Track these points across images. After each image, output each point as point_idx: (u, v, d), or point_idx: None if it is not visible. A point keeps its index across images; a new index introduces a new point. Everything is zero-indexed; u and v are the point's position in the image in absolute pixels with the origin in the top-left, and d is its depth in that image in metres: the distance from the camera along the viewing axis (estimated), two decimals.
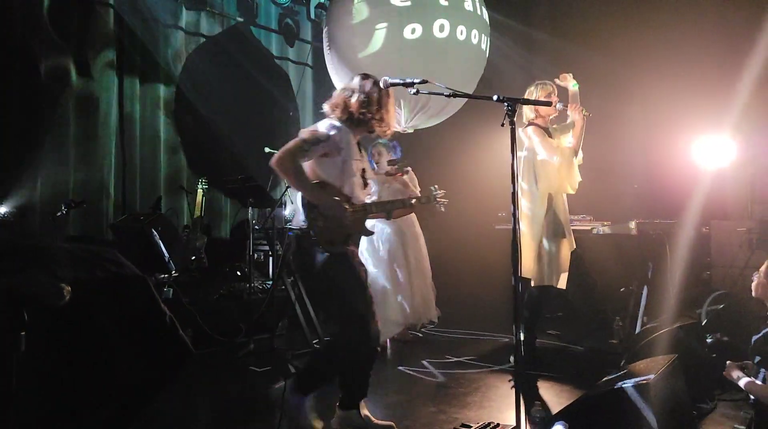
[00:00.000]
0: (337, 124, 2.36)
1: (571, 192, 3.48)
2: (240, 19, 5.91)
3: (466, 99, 4.55)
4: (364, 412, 2.46)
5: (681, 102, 4.75)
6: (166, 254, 4.18)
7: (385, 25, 4.29)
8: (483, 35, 4.66)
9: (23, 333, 1.03)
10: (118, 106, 4.96)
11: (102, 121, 4.84)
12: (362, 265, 2.44)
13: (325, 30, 4.81)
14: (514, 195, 2.04)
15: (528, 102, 2.85)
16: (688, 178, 4.51)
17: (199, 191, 5.02)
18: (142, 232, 4.16)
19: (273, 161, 2.23)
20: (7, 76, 4.18)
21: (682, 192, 4.38)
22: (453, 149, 5.87)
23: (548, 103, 3.16)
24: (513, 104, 2.04)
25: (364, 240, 4.05)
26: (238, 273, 4.78)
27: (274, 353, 3.52)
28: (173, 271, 4.21)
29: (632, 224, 3.74)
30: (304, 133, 2.30)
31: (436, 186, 2.82)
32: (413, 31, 4.28)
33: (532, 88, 3.48)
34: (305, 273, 2.97)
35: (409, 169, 4.12)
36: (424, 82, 2.30)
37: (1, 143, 4.10)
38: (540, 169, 3.39)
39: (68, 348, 1.13)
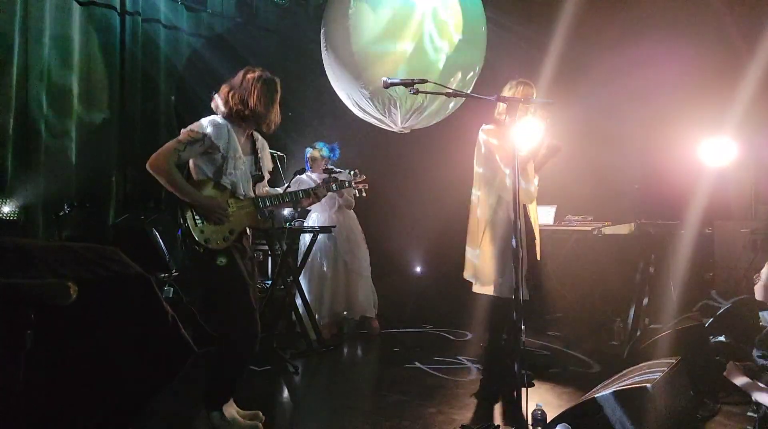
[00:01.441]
0: (218, 120, 2.38)
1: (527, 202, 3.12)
2: (239, 20, 5.90)
3: (464, 98, 4.57)
4: (230, 410, 2.44)
5: (682, 102, 4.73)
6: (167, 253, 4.18)
7: (383, 24, 4.28)
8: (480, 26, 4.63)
9: (29, 332, 1.02)
10: (120, 106, 4.96)
11: (103, 121, 4.83)
12: (249, 260, 2.46)
13: (322, 31, 4.81)
14: (514, 196, 2.03)
15: (528, 101, 2.82)
16: (690, 178, 4.49)
17: None
18: (143, 231, 4.16)
19: (148, 164, 2.29)
20: None
21: (683, 192, 4.36)
22: (450, 149, 5.85)
23: (550, 102, 3.08)
24: (512, 104, 2.03)
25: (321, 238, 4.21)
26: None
27: (273, 352, 3.51)
28: (173, 270, 4.20)
29: (633, 225, 3.72)
30: (182, 133, 2.34)
31: (356, 170, 2.78)
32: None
33: (514, 83, 3.13)
34: (189, 270, 3.00)
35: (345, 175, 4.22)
36: (423, 81, 2.29)
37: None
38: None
39: (70, 347, 1.13)
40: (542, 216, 4.54)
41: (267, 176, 2.64)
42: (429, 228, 5.96)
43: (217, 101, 2.44)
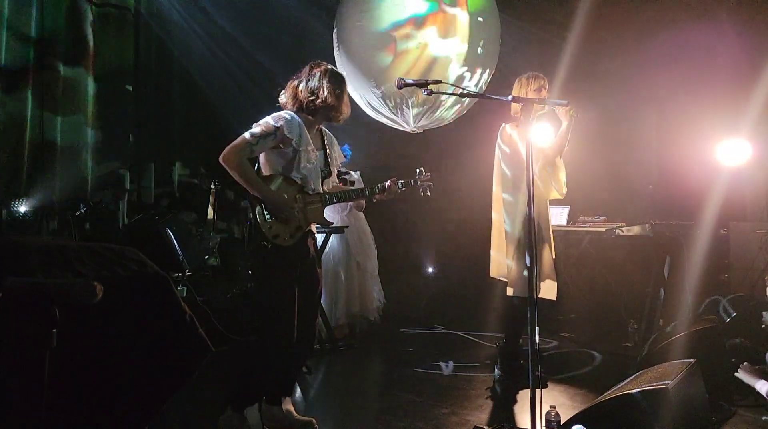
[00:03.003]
0: (287, 115, 2.37)
1: (559, 197, 3.23)
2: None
3: (476, 99, 4.55)
4: (287, 407, 2.46)
5: (697, 103, 4.68)
6: (180, 253, 4.22)
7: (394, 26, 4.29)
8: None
9: (54, 330, 1.05)
10: (135, 106, 5.02)
11: (118, 123, 4.90)
12: (312, 262, 2.44)
13: (335, 30, 4.82)
14: (529, 196, 2.02)
15: (543, 102, 2.81)
16: (705, 179, 4.44)
17: (212, 191, 5.06)
18: (157, 231, 4.20)
19: (221, 157, 2.29)
20: None
21: (698, 193, 4.32)
22: (463, 149, 5.85)
23: (564, 104, 3.03)
24: (528, 105, 2.03)
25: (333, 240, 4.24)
26: (250, 272, 4.79)
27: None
28: (187, 270, 4.24)
29: (647, 226, 3.69)
30: (254, 127, 2.33)
31: (422, 169, 2.71)
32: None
33: (524, 79, 3.13)
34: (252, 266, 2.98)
35: (355, 176, 4.33)
36: (437, 82, 2.30)
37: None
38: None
39: (91, 345, 1.15)
40: (555, 217, 4.52)
41: (335, 173, 2.62)
42: (441, 229, 5.96)
43: (286, 97, 2.44)
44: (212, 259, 4.86)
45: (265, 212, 2.31)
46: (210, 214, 5.05)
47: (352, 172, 4.43)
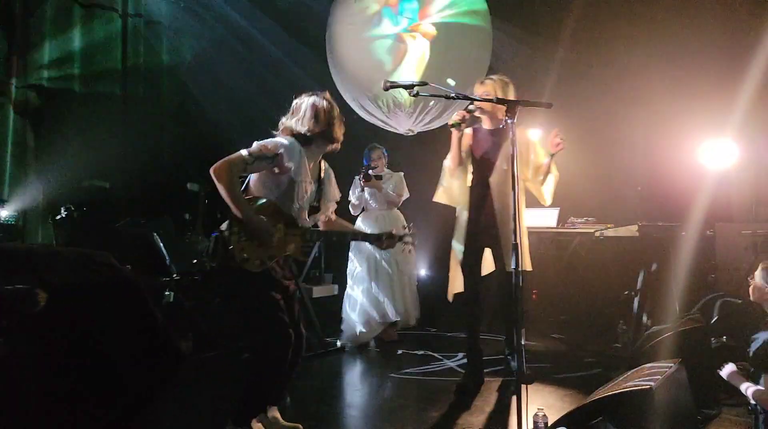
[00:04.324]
0: (290, 142, 2.34)
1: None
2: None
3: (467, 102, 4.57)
4: (272, 413, 2.44)
5: (684, 104, 4.72)
6: (168, 257, 4.18)
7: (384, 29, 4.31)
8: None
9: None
10: (122, 110, 4.98)
11: (105, 124, 4.86)
12: (281, 283, 2.36)
13: (327, 33, 4.83)
14: (514, 196, 2.02)
15: (529, 104, 2.81)
16: (692, 180, 4.48)
17: (201, 195, 5.02)
18: (144, 235, 4.16)
19: (212, 168, 2.23)
20: None
21: (685, 195, 4.35)
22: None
23: (549, 105, 2.98)
24: (512, 106, 2.04)
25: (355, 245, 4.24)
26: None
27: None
28: (174, 275, 4.20)
29: (635, 227, 3.71)
30: (254, 145, 2.29)
31: (411, 225, 2.70)
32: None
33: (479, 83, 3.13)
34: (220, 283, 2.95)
35: (385, 174, 4.30)
36: (423, 84, 2.30)
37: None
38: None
39: (59, 351, 1.12)
40: (545, 218, 4.54)
41: (326, 210, 2.57)
42: (433, 231, 5.95)
43: (285, 125, 2.43)
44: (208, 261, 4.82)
45: (242, 232, 2.24)
46: (199, 217, 5.01)
47: (387, 171, 4.36)
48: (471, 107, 2.97)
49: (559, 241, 5.03)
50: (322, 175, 2.55)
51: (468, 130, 3.12)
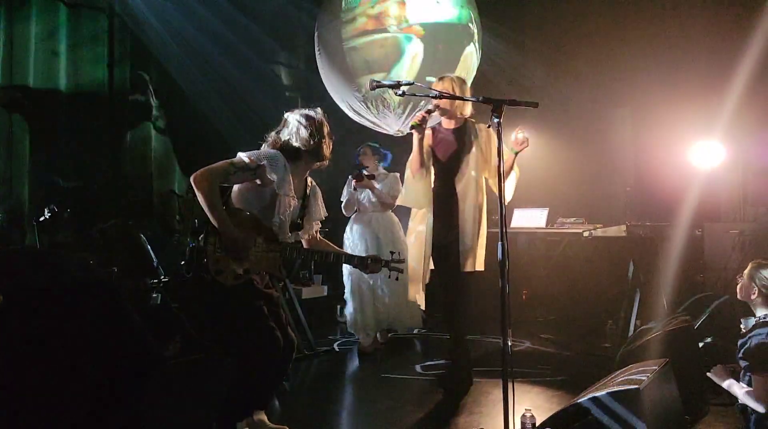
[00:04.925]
0: (274, 154, 2.31)
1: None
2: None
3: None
4: (258, 416, 2.38)
5: (672, 105, 4.75)
6: (155, 259, 4.14)
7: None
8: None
9: None
10: (110, 110, 4.93)
11: (93, 125, 4.80)
12: (261, 292, 2.31)
13: (315, 34, 4.81)
14: (500, 196, 2.02)
15: (515, 103, 2.81)
16: (680, 181, 4.51)
17: (190, 195, 4.98)
18: (131, 236, 4.12)
19: (193, 176, 2.20)
20: None
21: (673, 194, 4.38)
22: None
23: (535, 104, 2.84)
24: (498, 106, 2.03)
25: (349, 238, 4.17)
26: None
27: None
28: (162, 276, 4.15)
29: (624, 227, 3.72)
30: (237, 155, 2.25)
31: (398, 253, 2.59)
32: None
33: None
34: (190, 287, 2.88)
35: (380, 174, 4.16)
36: (410, 83, 2.29)
37: None
38: None
39: (31, 353, 1.09)
40: (534, 219, 4.54)
41: (310, 228, 2.51)
42: None
43: (274, 139, 2.40)
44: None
45: (217, 244, 2.19)
46: (188, 218, 4.97)
47: (383, 171, 4.20)
48: (430, 107, 2.97)
49: (549, 242, 5.05)
50: (308, 191, 2.50)
51: (428, 131, 3.08)
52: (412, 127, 2.91)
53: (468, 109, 3.07)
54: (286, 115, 2.44)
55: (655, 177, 4.86)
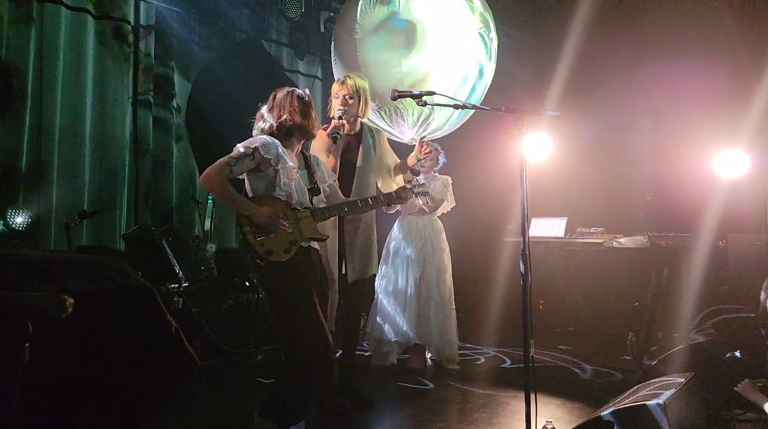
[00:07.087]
0: (263, 136, 2.42)
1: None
2: (251, 33, 6.00)
3: (473, 110, 4.56)
4: None
5: (695, 114, 4.69)
6: (177, 264, 4.20)
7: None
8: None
9: (27, 344, 1.03)
10: (132, 118, 5.03)
11: (115, 132, 4.90)
12: (318, 277, 2.44)
13: (332, 45, 4.86)
14: (523, 207, 2.02)
15: (537, 114, 2.80)
16: (703, 191, 4.43)
17: (209, 202, 5.05)
18: (153, 242, 4.19)
19: (201, 178, 2.35)
20: None
21: (696, 205, 4.31)
22: (461, 160, 5.85)
23: (557, 114, 2.87)
24: (522, 116, 2.03)
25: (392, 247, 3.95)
26: (247, 283, 4.79)
27: (281, 364, 3.49)
28: (183, 282, 4.22)
29: (645, 237, 3.68)
30: (234, 149, 2.37)
31: (417, 179, 2.74)
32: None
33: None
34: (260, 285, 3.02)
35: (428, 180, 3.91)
36: (431, 93, 2.30)
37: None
38: None
39: (72, 358, 1.13)
40: (553, 228, 4.52)
41: (325, 190, 2.64)
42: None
43: (257, 127, 2.51)
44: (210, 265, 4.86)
45: (255, 231, 2.30)
46: (207, 225, 5.04)
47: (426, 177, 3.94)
48: (338, 113, 2.97)
49: (567, 251, 4.99)
50: (309, 160, 2.64)
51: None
52: (334, 137, 2.89)
53: (369, 113, 3.17)
54: (273, 95, 2.52)
55: (676, 186, 4.79)
